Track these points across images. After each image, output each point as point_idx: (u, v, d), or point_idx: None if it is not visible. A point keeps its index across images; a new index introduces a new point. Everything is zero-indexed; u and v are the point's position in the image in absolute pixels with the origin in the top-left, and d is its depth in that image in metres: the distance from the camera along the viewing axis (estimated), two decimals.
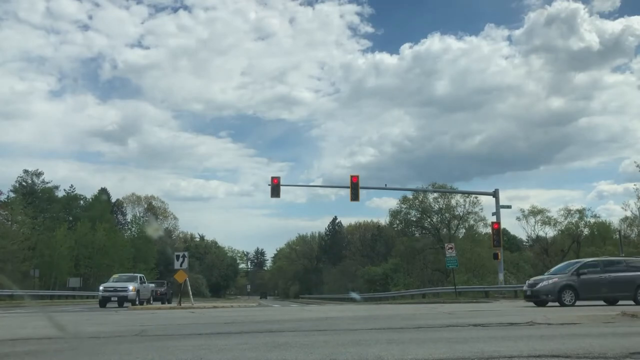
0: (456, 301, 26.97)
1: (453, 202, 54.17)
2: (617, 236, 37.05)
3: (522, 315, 11.99)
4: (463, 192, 53.48)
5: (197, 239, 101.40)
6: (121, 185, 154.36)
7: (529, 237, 56.11)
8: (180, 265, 24.14)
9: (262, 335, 8.52)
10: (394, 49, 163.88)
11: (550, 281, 17.69)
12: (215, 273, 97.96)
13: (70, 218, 62.93)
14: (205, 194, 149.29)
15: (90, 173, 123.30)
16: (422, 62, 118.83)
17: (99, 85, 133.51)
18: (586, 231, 49.72)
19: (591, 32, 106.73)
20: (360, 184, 32.43)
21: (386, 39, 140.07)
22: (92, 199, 67.52)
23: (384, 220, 71.92)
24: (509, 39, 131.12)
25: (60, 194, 63.28)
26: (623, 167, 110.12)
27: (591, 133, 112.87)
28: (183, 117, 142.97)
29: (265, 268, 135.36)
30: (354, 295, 47.02)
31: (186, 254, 25.41)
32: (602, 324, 9.63)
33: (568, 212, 49.45)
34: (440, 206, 54.87)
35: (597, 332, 8.40)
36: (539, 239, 52.73)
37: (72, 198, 65.25)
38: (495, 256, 33.13)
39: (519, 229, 65.06)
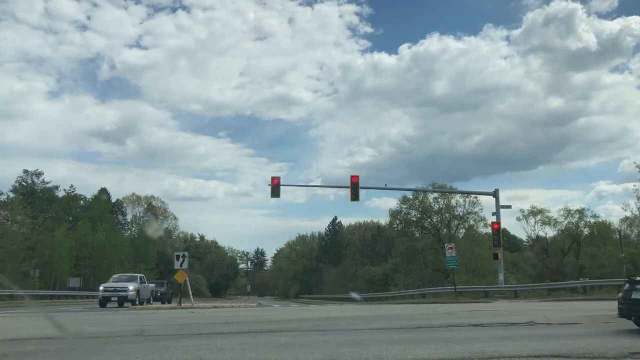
0: (456, 301, 26.97)
1: (453, 202, 54.15)
2: (617, 236, 37.02)
3: (522, 315, 11.99)
4: (463, 192, 53.47)
5: (197, 239, 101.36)
6: (120, 185, 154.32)
7: (529, 237, 56.09)
8: (180, 265, 24.14)
9: (262, 335, 8.52)
10: (392, 49, 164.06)
11: None
12: (215, 273, 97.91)
13: (70, 218, 62.90)
14: (205, 194, 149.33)
15: (90, 173, 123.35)
16: (420, 62, 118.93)
17: (97, 86, 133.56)
18: (586, 231, 49.63)
19: (589, 32, 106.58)
20: (360, 184, 32.43)
21: (385, 39, 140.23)
22: (92, 199, 67.50)
23: (384, 220, 71.95)
24: (508, 39, 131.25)
25: (60, 194, 63.29)
26: (622, 167, 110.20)
27: (590, 133, 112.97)
28: (182, 117, 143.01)
29: (265, 268, 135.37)
30: (354, 295, 47.01)
31: (186, 254, 25.39)
32: (602, 324, 9.63)
33: (568, 212, 49.40)
34: (440, 206, 54.84)
35: (597, 332, 8.41)
36: (539, 239, 52.67)
37: (72, 198, 65.21)
38: (495, 256, 33.13)
39: (519, 229, 65.21)
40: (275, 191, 31.32)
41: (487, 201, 44.28)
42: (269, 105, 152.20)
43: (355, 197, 31.83)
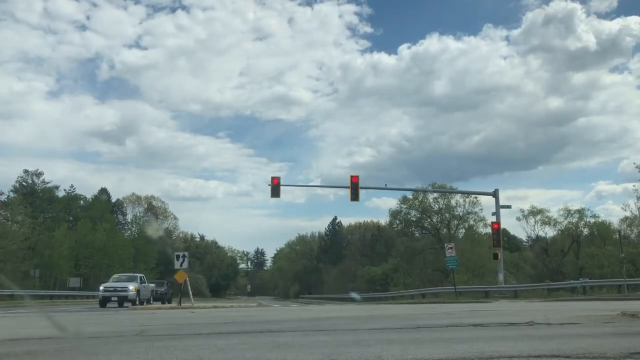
0: (456, 301, 26.97)
1: (453, 202, 54.22)
2: (617, 236, 36.96)
3: (522, 315, 11.98)
4: (463, 192, 53.51)
5: (197, 239, 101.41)
6: (120, 185, 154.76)
7: (528, 237, 56.05)
8: (180, 265, 24.15)
9: (262, 335, 8.51)
10: (392, 49, 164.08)
11: None
12: (215, 273, 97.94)
13: (71, 218, 62.96)
14: (204, 194, 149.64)
15: (90, 173, 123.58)
16: (420, 62, 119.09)
17: (97, 86, 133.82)
18: (586, 231, 49.59)
19: (588, 32, 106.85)
20: (360, 184, 32.45)
21: (385, 39, 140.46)
22: (92, 199, 67.54)
23: (384, 220, 72.02)
24: (507, 39, 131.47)
25: (60, 194, 63.36)
26: (622, 167, 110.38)
27: (590, 133, 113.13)
28: (181, 118, 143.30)
29: (265, 268, 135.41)
30: (354, 295, 47.01)
31: (186, 254, 25.42)
32: (602, 324, 9.62)
33: (568, 212, 49.33)
34: (440, 206, 54.88)
35: (597, 332, 8.40)
36: (538, 239, 52.62)
37: (72, 198, 65.25)
38: (495, 256, 33.14)
39: (518, 229, 65.01)
40: (275, 191, 31.34)
41: (487, 201, 44.34)
42: (269, 105, 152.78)
43: (355, 197, 31.85)
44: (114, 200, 75.41)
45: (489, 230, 40.95)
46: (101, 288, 26.13)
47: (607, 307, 13.98)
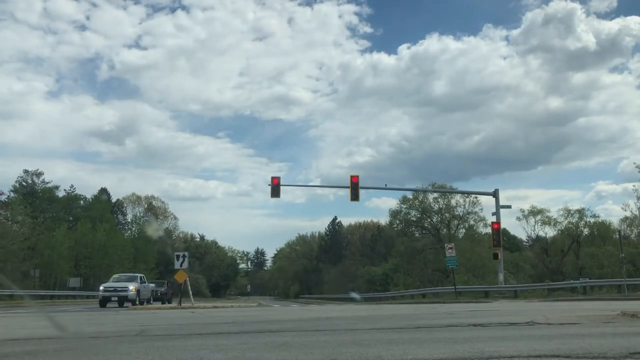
0: (456, 301, 26.97)
1: (453, 202, 54.21)
2: (617, 236, 36.98)
3: (522, 315, 11.97)
4: (463, 192, 53.50)
5: (197, 239, 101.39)
6: (120, 185, 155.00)
7: (528, 237, 56.00)
8: (180, 265, 24.16)
9: (262, 335, 8.50)
10: (392, 49, 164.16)
11: None
12: (215, 273, 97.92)
13: (71, 218, 62.95)
14: (204, 194, 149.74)
15: (90, 173, 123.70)
16: (420, 62, 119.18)
17: (96, 86, 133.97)
18: (586, 231, 49.59)
19: (588, 32, 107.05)
20: (359, 184, 32.45)
21: (385, 39, 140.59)
22: (92, 199, 67.54)
23: (384, 220, 72.05)
24: (507, 39, 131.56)
25: (60, 194, 63.37)
26: (622, 167, 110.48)
27: (590, 133, 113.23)
28: (181, 118, 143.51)
29: (265, 268, 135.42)
30: (354, 295, 47.03)
31: (186, 254, 25.43)
32: (602, 324, 9.61)
33: (568, 212, 49.29)
34: (440, 206, 54.87)
35: (597, 332, 8.39)
36: (538, 239, 52.60)
37: (72, 198, 65.25)
38: (495, 256, 33.14)
39: (518, 229, 65.16)
40: (275, 191, 31.34)
41: (487, 201, 44.38)
42: (269, 105, 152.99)
43: (355, 197, 31.85)
44: (114, 200, 75.42)
45: (489, 230, 40.97)
46: (101, 288, 26.14)
47: (607, 307, 13.97)
